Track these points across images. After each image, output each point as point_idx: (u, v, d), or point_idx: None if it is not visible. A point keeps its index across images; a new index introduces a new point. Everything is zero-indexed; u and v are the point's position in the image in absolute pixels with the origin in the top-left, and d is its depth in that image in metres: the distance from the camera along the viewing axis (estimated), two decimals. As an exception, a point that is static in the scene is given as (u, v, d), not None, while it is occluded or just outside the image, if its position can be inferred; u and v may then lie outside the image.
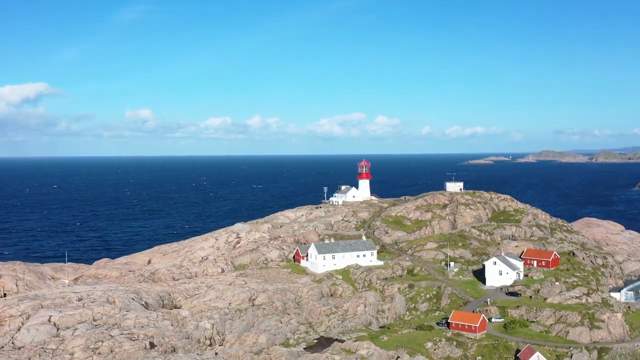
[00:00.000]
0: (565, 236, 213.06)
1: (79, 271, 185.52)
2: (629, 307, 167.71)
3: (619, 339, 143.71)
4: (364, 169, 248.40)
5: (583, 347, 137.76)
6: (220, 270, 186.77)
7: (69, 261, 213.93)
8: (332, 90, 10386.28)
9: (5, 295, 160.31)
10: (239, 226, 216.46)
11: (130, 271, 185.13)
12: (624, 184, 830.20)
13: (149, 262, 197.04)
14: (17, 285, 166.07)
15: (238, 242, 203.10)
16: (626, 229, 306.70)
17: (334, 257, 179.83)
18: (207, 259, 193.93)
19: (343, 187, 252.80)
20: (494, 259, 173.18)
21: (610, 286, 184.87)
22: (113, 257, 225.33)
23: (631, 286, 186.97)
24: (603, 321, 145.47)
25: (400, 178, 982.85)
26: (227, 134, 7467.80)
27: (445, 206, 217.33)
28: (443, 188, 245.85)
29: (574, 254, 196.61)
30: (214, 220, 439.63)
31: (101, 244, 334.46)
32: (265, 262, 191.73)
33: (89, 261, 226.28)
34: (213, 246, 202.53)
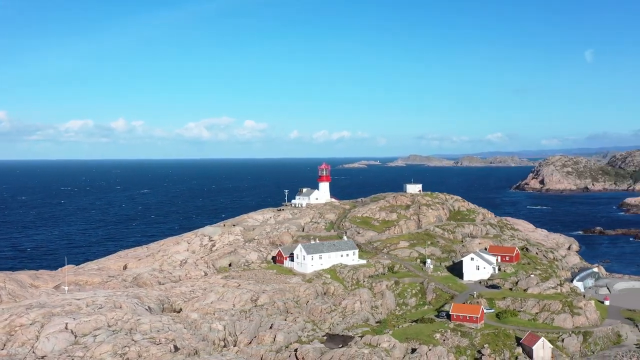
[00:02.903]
0: (513, 233, 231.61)
1: (56, 278, 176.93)
2: (583, 296, 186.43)
3: (594, 324, 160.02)
4: (324, 172, 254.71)
5: (570, 332, 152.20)
6: (203, 273, 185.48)
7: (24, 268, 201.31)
8: (199, 93, 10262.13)
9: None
10: (209, 229, 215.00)
11: (110, 277, 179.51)
12: (499, 185, 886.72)
13: (125, 267, 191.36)
14: (0, 294, 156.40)
15: (213, 245, 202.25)
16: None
17: (320, 257, 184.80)
18: (186, 262, 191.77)
19: (305, 190, 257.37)
20: (471, 254, 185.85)
21: (562, 277, 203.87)
22: (36, 268, 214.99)
23: (578, 277, 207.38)
24: (581, 308, 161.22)
25: (285, 182, 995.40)
26: (89, 137, 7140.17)
27: (408, 207, 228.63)
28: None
29: (527, 249, 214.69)
30: (125, 226, 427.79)
31: (17, 253, 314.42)
32: (246, 264, 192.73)
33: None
34: (188, 250, 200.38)
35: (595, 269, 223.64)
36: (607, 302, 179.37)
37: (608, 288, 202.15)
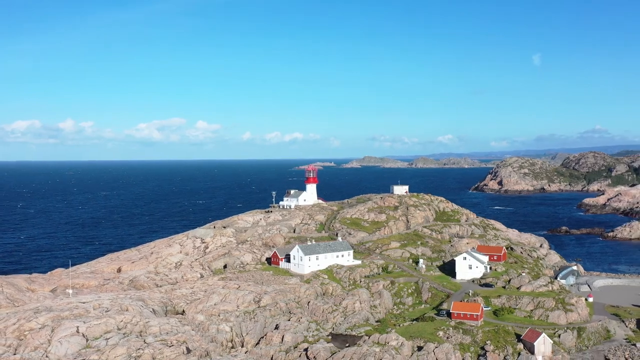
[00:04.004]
0: (496, 233, 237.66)
1: (51, 282, 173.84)
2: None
3: (585, 320, 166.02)
4: (311, 174, 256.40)
5: (565, 328, 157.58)
6: (199, 275, 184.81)
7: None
8: (150, 94, 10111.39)
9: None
10: (200, 231, 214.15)
11: (106, 280, 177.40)
12: (457, 187, 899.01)
13: (119, 269, 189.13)
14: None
15: (207, 247, 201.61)
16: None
17: (317, 258, 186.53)
18: (181, 264, 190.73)
19: (293, 192, 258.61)
20: (463, 254, 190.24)
21: (549, 275, 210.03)
22: (11, 273, 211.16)
23: (560, 275, 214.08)
24: (573, 305, 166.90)
25: (247, 184, 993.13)
26: (36, 138, 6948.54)
27: (396, 208, 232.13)
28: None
29: (511, 248, 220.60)
30: (92, 229, 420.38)
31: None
32: (242, 265, 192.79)
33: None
34: (181, 252, 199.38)
35: (575, 267, 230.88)
36: (590, 299, 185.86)
37: (589, 285, 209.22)
